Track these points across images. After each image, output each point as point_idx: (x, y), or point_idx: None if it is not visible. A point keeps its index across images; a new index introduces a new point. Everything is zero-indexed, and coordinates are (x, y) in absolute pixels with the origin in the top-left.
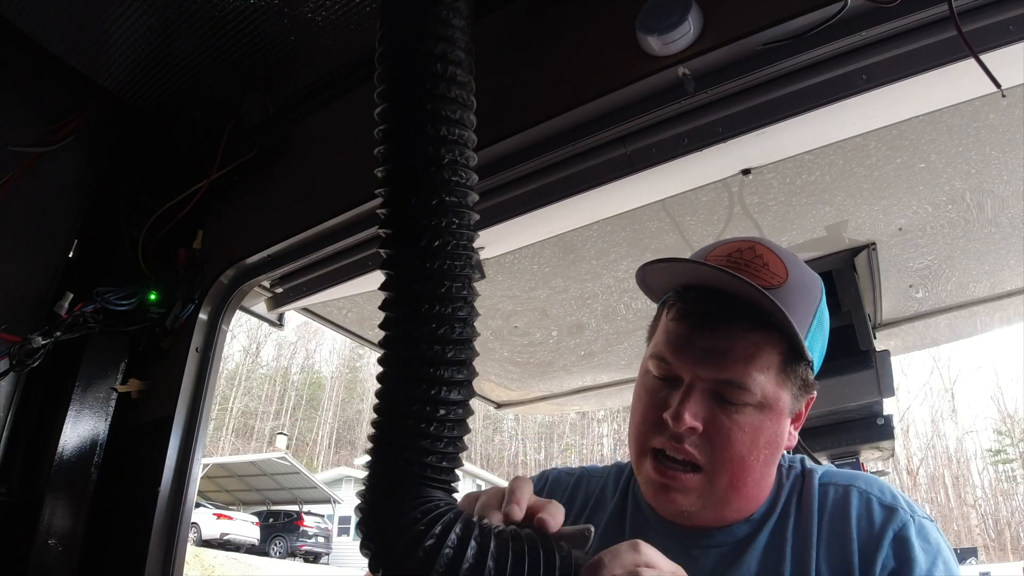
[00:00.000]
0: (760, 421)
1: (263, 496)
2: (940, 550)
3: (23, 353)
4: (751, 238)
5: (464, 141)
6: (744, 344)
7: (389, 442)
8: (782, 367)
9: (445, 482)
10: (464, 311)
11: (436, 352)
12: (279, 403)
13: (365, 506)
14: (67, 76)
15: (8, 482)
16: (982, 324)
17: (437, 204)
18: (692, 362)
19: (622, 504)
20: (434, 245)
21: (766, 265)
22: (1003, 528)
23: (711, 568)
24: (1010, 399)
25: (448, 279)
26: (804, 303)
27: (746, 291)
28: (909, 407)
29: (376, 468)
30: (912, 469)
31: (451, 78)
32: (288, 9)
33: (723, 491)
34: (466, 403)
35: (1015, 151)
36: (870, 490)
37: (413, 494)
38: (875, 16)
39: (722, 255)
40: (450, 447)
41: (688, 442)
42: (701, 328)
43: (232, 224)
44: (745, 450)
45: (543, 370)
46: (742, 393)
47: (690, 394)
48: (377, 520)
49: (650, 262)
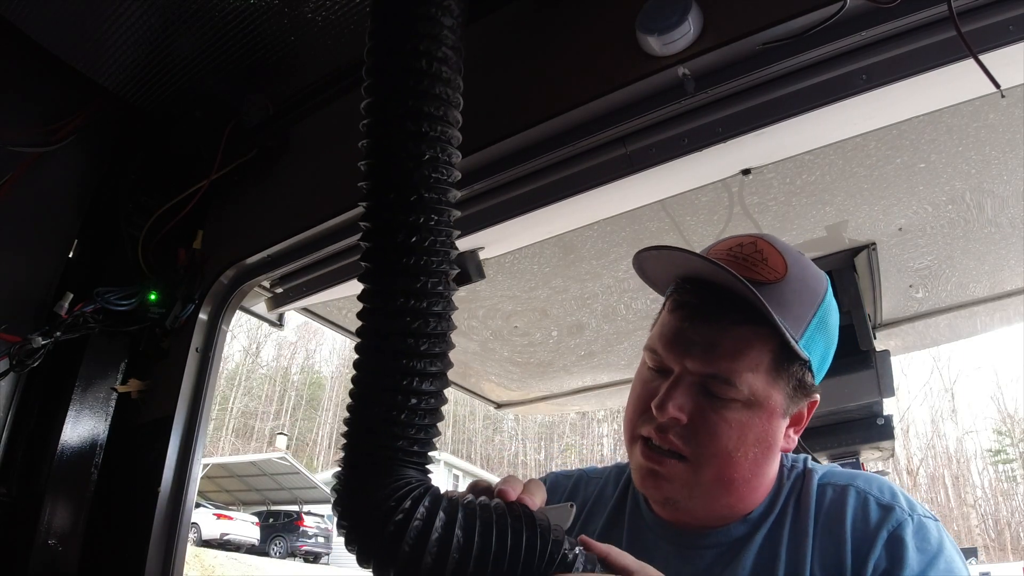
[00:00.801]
0: (748, 418)
1: (263, 496)
2: (941, 550)
3: (23, 353)
4: (758, 234)
5: (447, 138)
6: (732, 339)
7: (362, 427)
8: (773, 365)
9: (418, 464)
10: (440, 306)
11: (409, 344)
12: (279, 403)
13: (339, 487)
14: (67, 76)
15: (8, 482)
16: (982, 324)
17: (416, 200)
18: (680, 354)
19: (621, 505)
20: (411, 240)
21: (764, 260)
22: (1003, 528)
23: (706, 568)
24: (1010, 399)
25: (425, 274)
26: (801, 301)
27: (733, 284)
28: (909, 407)
29: (349, 452)
30: (912, 469)
31: (436, 75)
32: (288, 9)
33: (709, 483)
34: (439, 393)
35: (1015, 151)
36: (869, 489)
37: (385, 474)
38: (875, 16)
39: (723, 249)
40: (421, 433)
41: (673, 432)
42: (692, 320)
43: (232, 224)
44: (732, 445)
45: (543, 370)
46: (728, 388)
47: (677, 386)
48: (350, 498)
49: (643, 249)
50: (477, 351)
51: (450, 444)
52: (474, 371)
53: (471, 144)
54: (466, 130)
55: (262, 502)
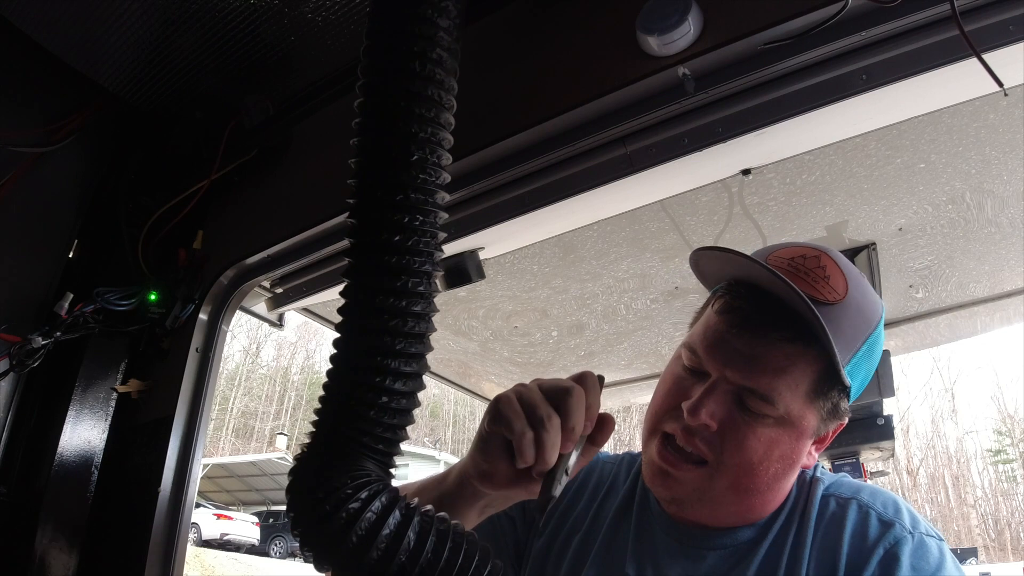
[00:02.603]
0: (778, 435)
1: (263, 496)
2: (939, 571)
3: (23, 353)
4: (822, 247)
5: (437, 140)
6: (778, 354)
7: (330, 418)
8: (814, 387)
9: (381, 461)
10: (419, 306)
11: (386, 343)
12: (279, 403)
13: (298, 468)
14: (67, 76)
15: (8, 482)
16: (982, 324)
17: (402, 200)
18: (722, 361)
19: (630, 496)
20: (394, 240)
21: (827, 278)
22: (1003, 528)
23: (710, 569)
24: (1010, 399)
25: (406, 274)
26: (855, 326)
27: (793, 299)
28: (909, 407)
29: (314, 439)
30: (912, 469)
31: (429, 77)
32: (288, 9)
33: (721, 492)
34: (412, 394)
35: (1015, 151)
36: (872, 504)
37: (346, 463)
38: (875, 16)
39: (785, 257)
40: (389, 432)
41: (699, 437)
42: (740, 328)
43: (232, 224)
44: (756, 459)
45: (543, 370)
46: (764, 405)
47: (712, 392)
48: (306, 480)
49: (704, 248)
50: (477, 351)
51: (450, 444)
52: (474, 371)
53: (471, 144)
54: (466, 130)
55: (262, 502)
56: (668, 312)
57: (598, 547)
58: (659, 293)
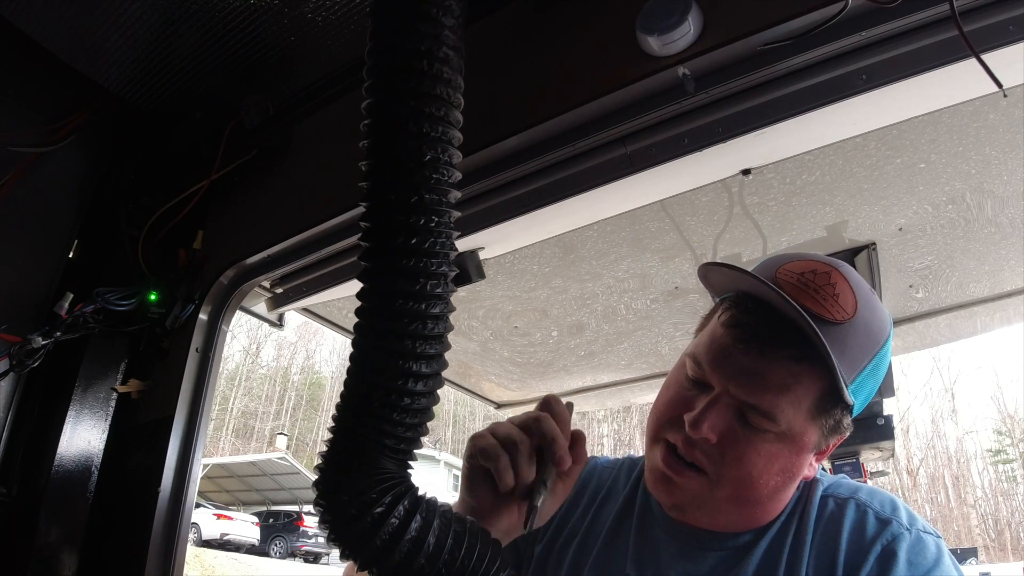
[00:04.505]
0: (778, 450)
1: (263, 496)
2: (936, 567)
3: (23, 353)
4: (834, 262)
5: (448, 139)
6: (782, 372)
7: (351, 419)
8: (817, 404)
9: (402, 461)
10: (438, 308)
11: (406, 346)
12: (279, 403)
13: (323, 467)
14: (67, 76)
15: (8, 482)
16: (982, 324)
17: (416, 201)
18: (726, 376)
19: (631, 500)
20: (411, 242)
21: (836, 296)
22: (1003, 528)
23: (710, 569)
24: (1010, 399)
25: (424, 276)
26: (862, 345)
27: (799, 320)
28: (909, 407)
29: (337, 440)
30: (912, 469)
31: (437, 75)
32: (288, 9)
33: (721, 501)
34: (432, 394)
35: (1015, 151)
36: (870, 503)
37: (370, 465)
38: (875, 16)
39: (795, 271)
40: (410, 432)
41: (700, 449)
42: (746, 343)
43: (232, 224)
44: (756, 472)
45: (543, 370)
46: (766, 421)
47: (715, 405)
48: (333, 481)
49: (713, 263)
50: (477, 351)
51: (450, 444)
52: (474, 371)
53: (471, 144)
54: (466, 130)
55: (262, 502)
56: (668, 312)
57: (597, 550)
58: (659, 293)
